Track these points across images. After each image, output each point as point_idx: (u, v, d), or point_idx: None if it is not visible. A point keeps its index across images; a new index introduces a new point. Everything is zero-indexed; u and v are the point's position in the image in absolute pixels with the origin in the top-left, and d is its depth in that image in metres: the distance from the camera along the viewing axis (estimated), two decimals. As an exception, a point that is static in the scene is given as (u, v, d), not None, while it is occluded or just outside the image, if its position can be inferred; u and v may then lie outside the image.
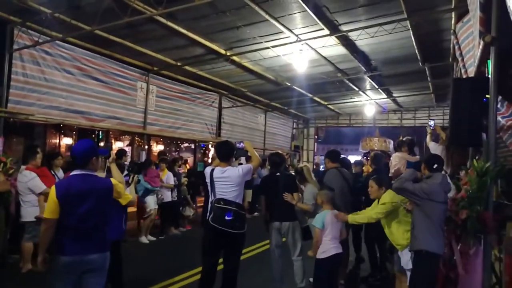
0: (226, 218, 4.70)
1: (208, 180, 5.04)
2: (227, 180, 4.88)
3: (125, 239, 7.61)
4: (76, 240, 3.50)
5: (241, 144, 5.48)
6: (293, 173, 6.39)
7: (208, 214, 4.89)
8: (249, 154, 5.35)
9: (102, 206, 3.67)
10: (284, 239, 5.88)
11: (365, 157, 12.47)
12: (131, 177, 5.86)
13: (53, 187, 3.57)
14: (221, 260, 5.04)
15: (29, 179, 6.62)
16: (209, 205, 4.96)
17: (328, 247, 4.92)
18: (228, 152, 5.15)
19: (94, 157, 3.74)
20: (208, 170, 5.12)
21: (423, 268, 4.20)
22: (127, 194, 5.17)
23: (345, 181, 6.20)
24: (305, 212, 5.85)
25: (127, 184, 5.67)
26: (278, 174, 5.99)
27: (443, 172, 6.39)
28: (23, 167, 6.82)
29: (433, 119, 7.82)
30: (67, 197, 3.48)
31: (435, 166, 4.39)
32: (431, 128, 7.43)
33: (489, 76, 3.73)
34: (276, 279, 5.87)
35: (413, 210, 4.40)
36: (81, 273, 3.51)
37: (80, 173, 3.63)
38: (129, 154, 12.09)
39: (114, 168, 4.44)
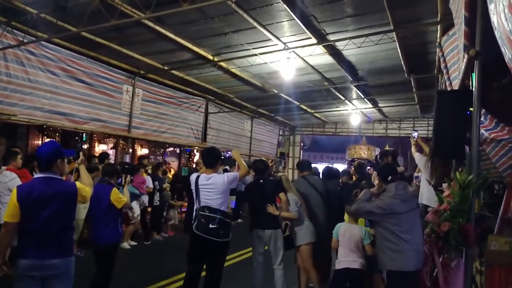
0: (211, 226, 4.66)
1: (193, 187, 4.99)
2: (212, 188, 4.83)
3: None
4: (38, 244, 3.42)
5: (229, 153, 5.45)
6: (277, 179, 6.33)
7: (192, 221, 4.83)
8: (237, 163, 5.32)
9: (66, 210, 3.59)
10: (266, 247, 5.85)
11: (351, 166, 12.50)
12: (124, 178, 5.81)
13: (14, 190, 3.48)
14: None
15: (9, 179, 6.52)
16: (194, 213, 4.90)
17: (340, 259, 4.86)
18: (214, 159, 5.10)
19: (59, 160, 3.64)
20: (193, 177, 5.07)
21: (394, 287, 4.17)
22: (122, 197, 5.18)
23: (313, 188, 6.11)
24: (290, 220, 5.76)
25: (121, 186, 5.63)
26: (261, 181, 5.92)
27: (422, 181, 6.44)
28: (3, 167, 6.71)
29: (417, 130, 7.92)
30: (28, 200, 3.39)
31: (390, 177, 4.32)
32: (415, 139, 7.50)
33: (473, 89, 3.76)
34: (257, 287, 5.82)
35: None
36: (43, 278, 3.42)
37: (43, 176, 3.54)
38: (112, 157, 11.97)
39: (82, 170, 4.23)
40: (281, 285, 5.68)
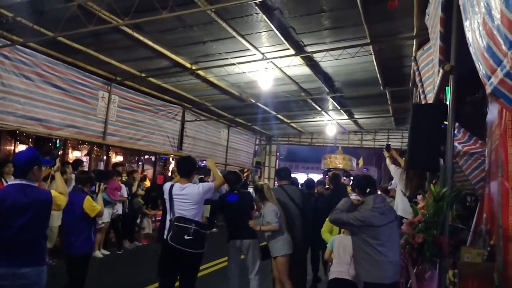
0: (186, 237, 4.54)
1: (166, 196, 4.86)
2: (186, 198, 4.73)
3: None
4: (10, 253, 3.34)
5: (204, 162, 5.33)
6: (249, 191, 6.28)
7: (166, 232, 4.71)
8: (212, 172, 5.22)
9: (40, 219, 3.51)
10: (242, 257, 5.81)
11: (326, 176, 12.55)
12: (97, 185, 5.70)
13: None
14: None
15: None
16: (168, 223, 4.78)
17: (332, 270, 4.80)
18: (189, 169, 5.00)
19: (36, 167, 3.57)
20: (167, 186, 4.94)
21: None
22: (96, 205, 5.08)
23: (290, 198, 6.03)
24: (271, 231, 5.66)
25: (94, 193, 5.52)
26: (235, 192, 5.86)
27: (400, 193, 6.53)
28: None
29: (390, 144, 8.00)
30: (0, 208, 3.30)
31: (368, 190, 4.30)
32: (388, 152, 7.58)
33: (448, 103, 3.84)
34: None
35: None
36: (14, 287, 3.33)
37: (18, 182, 3.46)
38: (86, 164, 11.77)
39: (58, 177, 4.12)
40: None
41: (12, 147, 9.97)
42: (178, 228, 4.58)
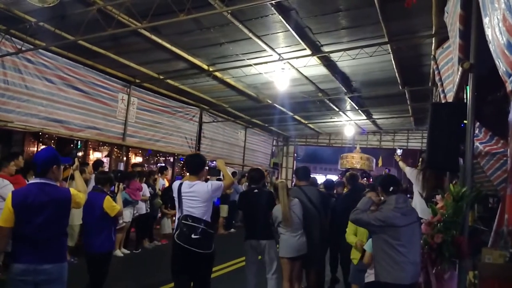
0: (193, 236, 4.44)
1: (175, 194, 4.78)
2: (194, 196, 4.63)
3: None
4: (32, 249, 3.41)
5: (214, 163, 5.21)
6: (271, 190, 6.24)
7: (174, 230, 4.66)
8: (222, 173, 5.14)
9: (60, 216, 3.59)
10: (260, 257, 5.80)
11: (341, 177, 12.45)
12: (117, 185, 5.75)
13: (9, 195, 3.48)
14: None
15: (1, 186, 6.45)
16: (176, 221, 4.74)
17: (370, 272, 4.73)
18: (198, 166, 4.92)
19: (55, 166, 3.64)
20: (176, 184, 4.87)
21: None
22: (115, 205, 5.14)
23: (308, 199, 5.94)
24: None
25: (114, 194, 5.58)
26: (256, 190, 5.81)
27: (416, 193, 6.47)
28: None
29: (401, 148, 8.23)
30: (22, 206, 3.39)
31: (391, 188, 4.27)
32: (399, 156, 7.64)
33: (467, 102, 3.78)
34: None
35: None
36: (36, 283, 3.40)
37: (38, 181, 3.54)
38: (107, 165, 11.92)
39: (77, 176, 4.19)
40: None
41: (36, 148, 10.15)
42: (185, 226, 4.50)
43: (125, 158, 12.58)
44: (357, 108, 14.77)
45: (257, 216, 5.65)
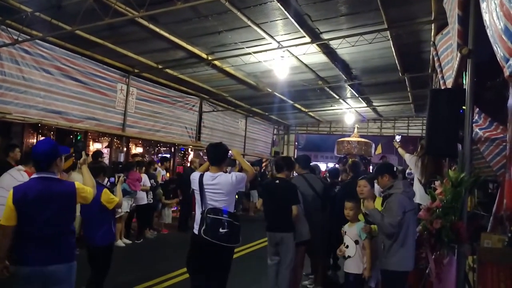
0: (221, 230, 4.21)
1: (196, 187, 4.50)
2: (218, 188, 4.38)
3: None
4: (37, 249, 3.27)
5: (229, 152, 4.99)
6: (294, 184, 5.82)
7: (198, 227, 4.35)
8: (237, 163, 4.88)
9: (65, 212, 3.43)
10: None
11: (340, 163, 12.34)
12: (117, 177, 5.71)
13: (11, 192, 3.31)
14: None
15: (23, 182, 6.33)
16: (198, 216, 4.45)
17: None
18: (221, 155, 4.66)
19: (58, 158, 3.47)
20: (196, 175, 4.58)
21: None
22: (113, 198, 4.97)
23: (310, 187, 5.97)
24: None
25: (114, 185, 5.53)
26: (277, 181, 5.63)
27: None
28: (21, 167, 6.40)
29: (400, 135, 8.30)
30: (24, 202, 3.24)
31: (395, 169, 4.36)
32: (398, 142, 7.69)
33: (466, 87, 3.78)
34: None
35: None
36: (43, 284, 3.28)
37: (40, 176, 3.38)
38: (107, 156, 11.93)
39: (85, 171, 3.95)
40: (284, 286, 5.47)
41: (35, 140, 10.15)
42: (211, 220, 4.25)
43: (125, 149, 12.58)
44: (357, 95, 14.73)
45: (276, 209, 5.51)
